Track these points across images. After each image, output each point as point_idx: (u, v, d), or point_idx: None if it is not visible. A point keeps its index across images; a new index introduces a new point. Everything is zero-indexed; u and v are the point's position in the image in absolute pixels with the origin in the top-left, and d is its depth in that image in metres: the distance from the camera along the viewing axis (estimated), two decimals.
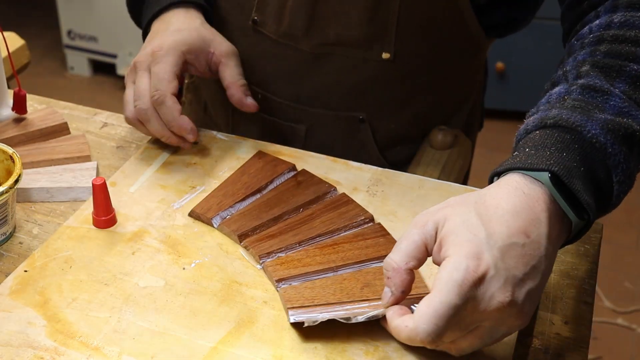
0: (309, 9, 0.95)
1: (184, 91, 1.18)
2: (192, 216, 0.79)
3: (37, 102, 0.97)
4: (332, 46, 0.97)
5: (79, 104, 0.99)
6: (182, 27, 0.91)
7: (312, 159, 0.89)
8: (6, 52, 0.87)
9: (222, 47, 0.92)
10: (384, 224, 0.78)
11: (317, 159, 0.89)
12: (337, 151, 0.95)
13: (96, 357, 0.64)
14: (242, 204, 0.80)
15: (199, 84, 1.15)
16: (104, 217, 0.77)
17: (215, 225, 0.78)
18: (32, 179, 0.82)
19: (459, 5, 0.94)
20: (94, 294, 0.70)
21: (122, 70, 2.85)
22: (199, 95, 1.15)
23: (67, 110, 0.97)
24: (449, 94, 1.06)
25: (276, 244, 0.74)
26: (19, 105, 0.89)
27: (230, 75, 0.92)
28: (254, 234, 0.76)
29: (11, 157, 0.76)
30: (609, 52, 0.71)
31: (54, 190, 0.82)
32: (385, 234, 0.76)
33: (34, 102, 0.97)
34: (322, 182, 0.83)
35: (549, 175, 0.62)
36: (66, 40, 2.91)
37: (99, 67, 2.97)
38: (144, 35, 0.96)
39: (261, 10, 0.98)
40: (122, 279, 0.72)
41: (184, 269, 0.73)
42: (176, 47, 0.88)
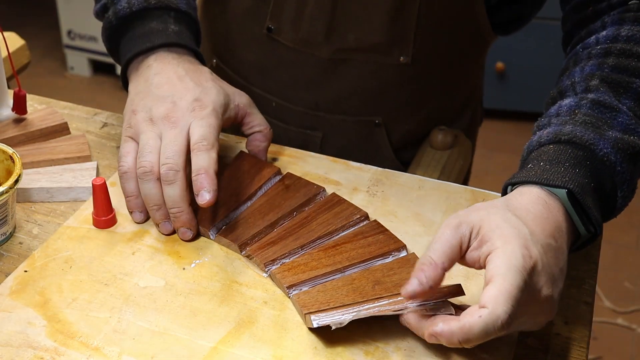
0: (329, 15, 0.94)
1: None
2: None
3: (37, 102, 0.97)
4: (351, 52, 0.97)
5: (79, 104, 0.98)
6: (202, 82, 0.81)
7: (312, 159, 0.89)
8: (6, 52, 0.87)
9: (242, 99, 0.85)
10: (384, 224, 0.78)
11: (317, 159, 0.89)
12: (353, 156, 0.94)
13: (96, 357, 0.64)
14: (235, 213, 0.79)
15: None
16: (104, 217, 0.77)
17: (212, 237, 0.77)
18: (32, 179, 0.82)
19: (474, 4, 0.94)
20: (94, 294, 0.70)
21: None
22: None
23: (67, 110, 0.97)
24: (458, 92, 1.07)
25: (279, 250, 0.74)
26: (19, 105, 0.89)
27: (260, 120, 0.85)
28: (253, 242, 0.76)
29: (11, 157, 0.76)
30: (616, 66, 0.74)
31: (54, 190, 0.82)
32: (384, 231, 0.76)
33: (34, 102, 0.97)
34: (310, 183, 0.83)
35: (566, 191, 0.66)
36: (66, 40, 2.91)
37: (99, 67, 2.98)
38: (124, 70, 0.86)
39: (276, 18, 0.98)
40: (122, 279, 0.72)
41: (184, 269, 0.73)
42: (215, 107, 0.79)
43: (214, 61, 1.10)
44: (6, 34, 1.16)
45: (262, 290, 0.71)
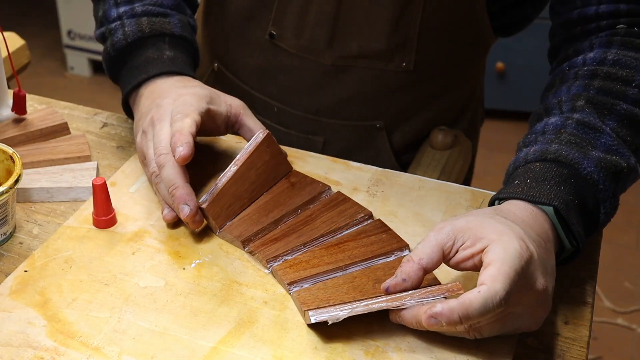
0: (331, 23, 0.95)
1: None
2: (201, 211, 0.77)
3: (37, 102, 0.97)
4: (353, 59, 0.97)
5: (79, 104, 0.99)
6: (186, 83, 0.84)
7: (312, 159, 0.89)
8: (6, 52, 0.87)
9: (235, 101, 0.85)
10: None
11: (317, 159, 0.89)
12: (354, 159, 0.94)
13: (96, 357, 0.64)
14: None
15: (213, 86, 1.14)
16: (104, 217, 0.77)
17: (217, 232, 0.77)
18: (32, 179, 0.82)
19: (476, 9, 0.94)
20: (94, 294, 0.70)
21: None
22: None
23: (67, 110, 0.97)
24: (459, 94, 1.07)
25: (281, 247, 0.75)
26: (19, 105, 0.89)
27: (254, 123, 0.85)
28: (257, 238, 0.76)
29: (11, 157, 0.76)
30: (602, 88, 0.77)
31: (54, 190, 0.82)
32: (387, 230, 0.76)
33: (34, 102, 0.97)
34: (316, 181, 0.83)
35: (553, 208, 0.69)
36: (66, 40, 2.91)
37: (99, 67, 2.97)
38: (125, 99, 0.89)
39: (278, 24, 0.98)
40: (122, 279, 0.72)
41: (184, 269, 0.73)
42: (194, 92, 0.82)
43: (215, 65, 1.10)
44: (6, 34, 1.16)
45: (262, 290, 0.71)
